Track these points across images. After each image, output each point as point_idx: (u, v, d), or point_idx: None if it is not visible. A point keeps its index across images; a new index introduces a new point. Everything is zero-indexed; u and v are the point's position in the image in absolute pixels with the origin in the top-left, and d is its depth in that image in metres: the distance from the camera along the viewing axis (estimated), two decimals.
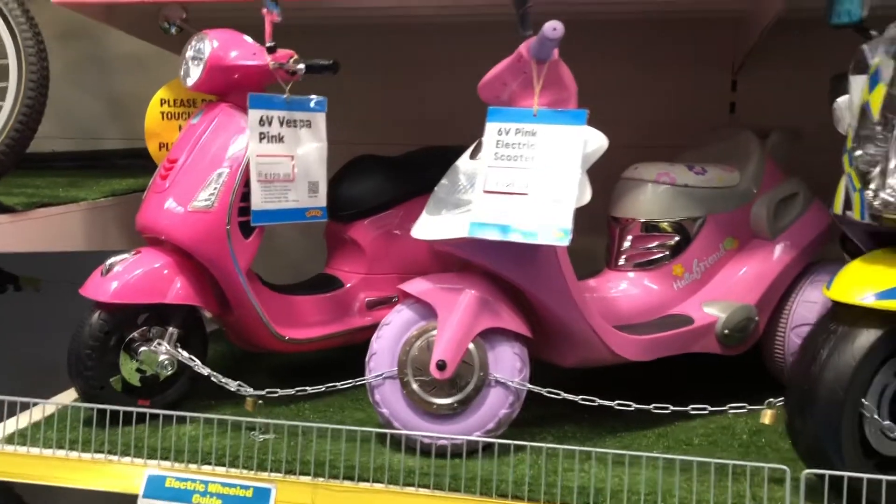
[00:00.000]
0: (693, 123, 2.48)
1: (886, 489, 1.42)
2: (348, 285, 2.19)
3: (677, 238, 2.00)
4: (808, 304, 2.00)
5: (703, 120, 2.49)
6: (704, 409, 1.67)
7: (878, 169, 1.48)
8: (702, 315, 1.95)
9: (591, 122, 1.71)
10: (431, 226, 1.75)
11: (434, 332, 1.72)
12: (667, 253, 2.00)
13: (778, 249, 2.04)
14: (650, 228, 2.00)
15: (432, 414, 1.72)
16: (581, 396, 1.71)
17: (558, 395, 1.71)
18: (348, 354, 2.07)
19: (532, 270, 1.71)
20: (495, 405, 1.72)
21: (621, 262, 2.03)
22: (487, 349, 1.74)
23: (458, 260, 1.82)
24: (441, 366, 1.68)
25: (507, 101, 1.76)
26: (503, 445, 1.65)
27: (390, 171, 2.23)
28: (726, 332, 1.93)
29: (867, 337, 1.45)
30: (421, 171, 2.21)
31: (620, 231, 2.03)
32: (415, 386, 1.73)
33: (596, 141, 1.70)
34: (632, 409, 1.68)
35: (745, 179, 2.06)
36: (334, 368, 2.16)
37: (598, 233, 2.06)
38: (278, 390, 1.82)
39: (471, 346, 1.72)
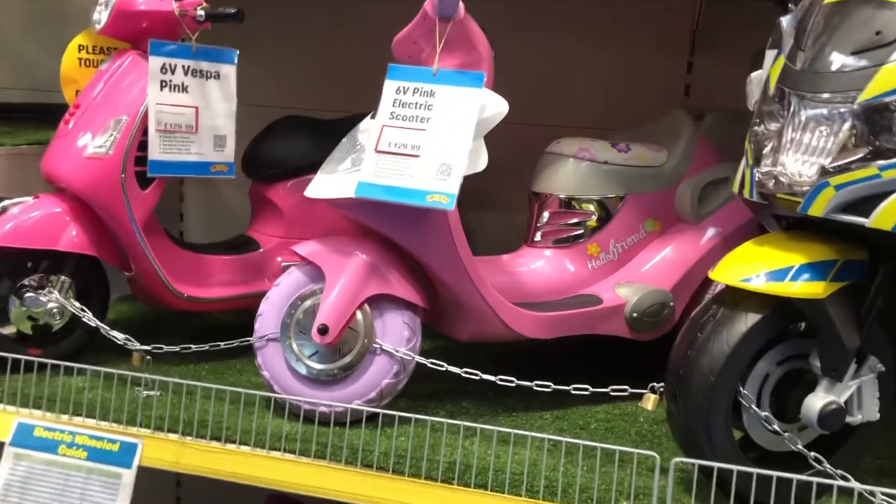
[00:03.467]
0: (646, 106, 2.38)
1: (760, 484, 1.34)
2: (264, 248, 2.14)
3: (595, 216, 1.92)
4: None
5: (657, 102, 2.39)
6: (586, 389, 1.59)
7: (770, 145, 1.40)
8: (612, 296, 1.87)
9: (539, 101, 1.64)
10: (323, 185, 1.70)
11: (321, 296, 1.67)
12: (583, 231, 1.92)
13: (701, 234, 1.95)
14: (567, 205, 1.92)
15: (313, 379, 1.67)
16: (465, 370, 1.64)
17: (442, 366, 1.65)
18: None
19: (421, 235, 1.65)
20: (379, 374, 1.67)
21: (537, 238, 1.95)
22: (375, 316, 1.68)
23: (354, 223, 1.76)
24: (322, 330, 1.63)
25: (422, 63, 1.69)
26: (388, 417, 1.59)
27: (316, 133, 2.17)
28: (635, 315, 1.85)
29: (746, 321, 1.36)
30: None
31: (539, 206, 1.96)
32: (296, 349, 1.67)
33: (495, 106, 1.63)
34: (513, 384, 1.61)
35: (672, 160, 1.98)
36: None
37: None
38: (164, 347, 1.78)
39: (358, 312, 1.66)
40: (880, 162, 1.28)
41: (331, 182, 1.69)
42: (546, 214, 1.94)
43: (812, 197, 1.31)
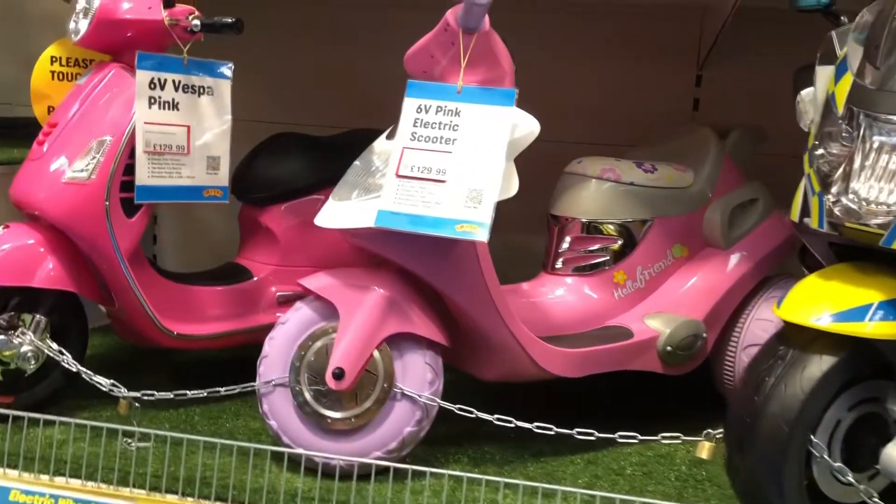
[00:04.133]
0: (654, 120, 2.28)
1: None
2: (258, 277, 1.97)
3: (620, 241, 1.80)
4: (762, 322, 1.80)
5: (665, 116, 2.29)
6: (634, 437, 1.46)
7: (840, 171, 1.28)
8: (643, 328, 1.74)
9: (546, 116, 1.51)
10: (336, 213, 1.54)
11: (335, 336, 1.50)
12: (608, 258, 1.79)
13: (732, 260, 1.84)
14: (591, 229, 1.79)
15: (327, 430, 1.50)
16: (496, 416, 1.50)
17: (471, 413, 1.50)
18: None
19: (448, 268, 1.50)
20: (400, 421, 1.51)
21: (558, 264, 1.82)
22: (395, 357, 1.52)
23: (370, 254, 1.60)
24: (338, 374, 1.47)
25: (437, 79, 1.55)
26: (407, 469, 1.44)
27: (312, 152, 2.00)
28: (669, 349, 1.73)
29: (820, 365, 1.24)
30: (347, 155, 1.97)
31: (559, 231, 1.82)
32: (308, 396, 1.51)
33: (526, 126, 1.49)
34: (552, 433, 1.47)
35: (699, 181, 1.86)
36: (251, 367, 1.94)
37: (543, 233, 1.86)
38: (156, 393, 1.59)
39: (375, 353, 1.50)
40: None
41: (345, 210, 1.53)
42: (568, 239, 1.81)
43: (895, 230, 1.20)
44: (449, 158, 1.46)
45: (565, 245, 1.81)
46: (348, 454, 1.48)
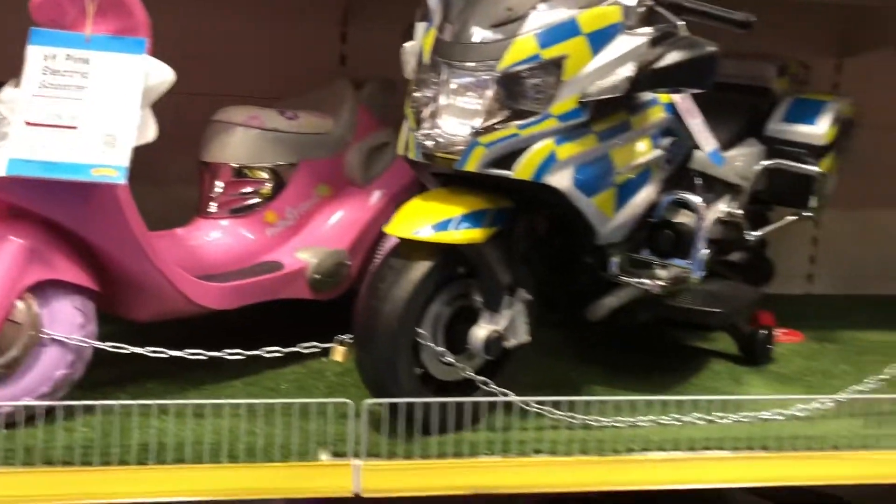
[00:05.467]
0: (303, 74, 2.44)
1: (443, 411, 1.51)
2: None
3: (269, 184, 1.95)
4: None
5: (313, 71, 2.47)
6: (278, 351, 1.64)
7: (429, 109, 1.55)
8: (293, 261, 1.93)
9: (199, 70, 1.57)
10: None
11: None
12: (258, 200, 1.94)
13: (370, 196, 2.08)
14: (240, 174, 1.93)
15: None
16: (149, 349, 1.59)
17: (124, 349, 1.58)
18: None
19: (89, 214, 1.55)
20: (50, 366, 1.54)
21: (212, 208, 1.93)
22: (42, 304, 1.54)
23: (8, 205, 1.59)
24: None
25: (67, 28, 1.56)
26: (68, 408, 1.48)
27: None
28: (317, 276, 1.93)
29: (420, 269, 1.51)
30: None
31: (210, 176, 1.93)
32: None
33: (160, 74, 1.57)
34: (205, 357, 1.60)
35: (338, 127, 2.07)
36: None
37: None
38: None
39: (19, 303, 1.51)
40: (518, 122, 1.49)
41: None
42: (219, 184, 1.92)
43: (466, 155, 1.49)
44: (80, 105, 1.49)
45: (217, 190, 1.93)
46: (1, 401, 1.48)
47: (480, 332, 1.56)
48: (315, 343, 1.64)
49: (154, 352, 1.59)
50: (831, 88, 2.82)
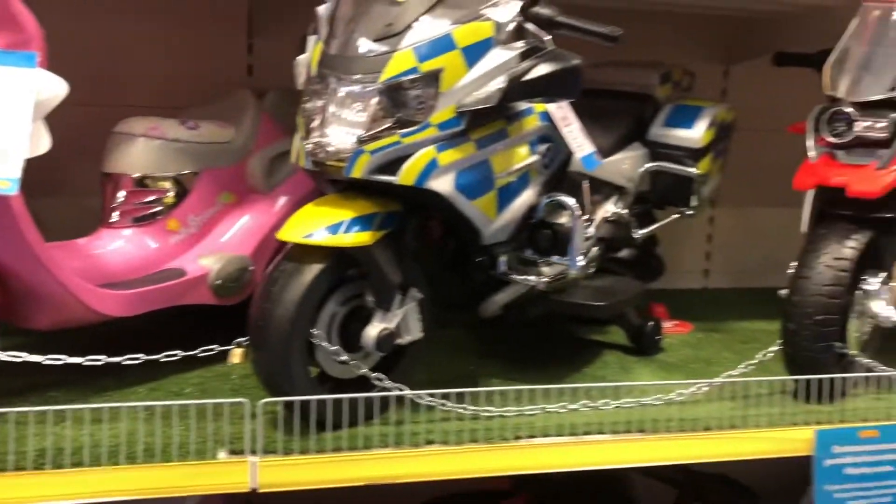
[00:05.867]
0: (209, 85, 2.48)
1: (337, 407, 1.58)
2: None
3: (171, 193, 2.00)
4: None
5: (220, 82, 2.51)
6: (175, 354, 1.69)
7: (318, 119, 1.62)
8: (196, 267, 1.98)
9: (104, 82, 1.61)
10: None
11: None
12: (161, 208, 1.98)
13: (273, 202, 2.14)
14: (142, 183, 1.97)
15: None
16: (47, 356, 1.62)
17: (19, 357, 1.60)
18: None
19: None
20: None
21: (114, 218, 1.96)
22: None
23: None
24: None
25: None
26: None
27: None
28: (219, 282, 1.98)
29: (311, 272, 1.58)
30: None
31: (113, 187, 1.97)
32: None
33: (52, 87, 1.61)
34: (101, 363, 1.64)
35: (240, 136, 2.13)
36: None
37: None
38: None
39: None
40: (402, 130, 1.58)
41: None
42: (121, 194, 1.96)
43: (352, 162, 1.57)
44: None
45: (119, 200, 1.96)
46: None
47: (373, 330, 1.64)
48: (214, 346, 1.69)
49: (50, 359, 1.62)
50: (720, 94, 3.01)
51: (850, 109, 1.89)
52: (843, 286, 1.83)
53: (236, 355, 1.67)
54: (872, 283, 1.93)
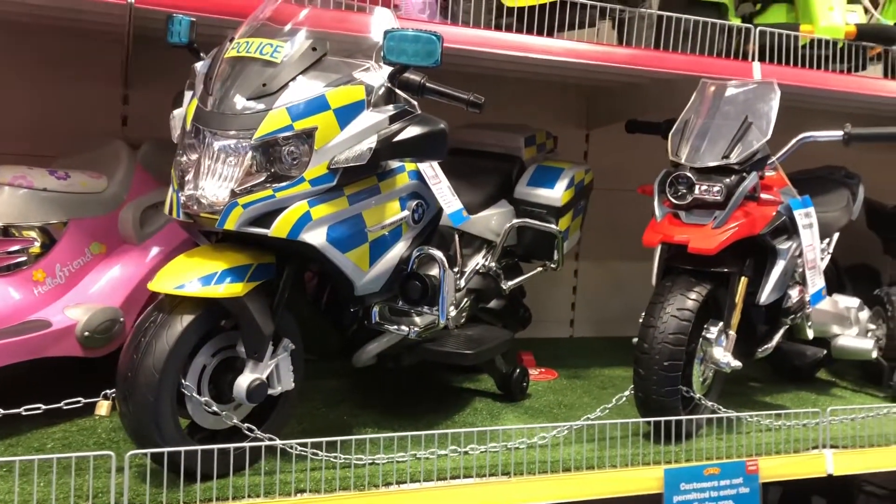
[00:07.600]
0: (84, 135, 2.45)
1: (208, 458, 1.58)
2: None
3: (38, 242, 1.96)
4: None
5: (95, 132, 2.49)
6: (38, 408, 1.65)
7: (192, 172, 1.65)
8: (62, 319, 1.94)
9: None
10: None
11: None
12: (25, 258, 1.94)
13: (146, 253, 2.13)
14: (7, 233, 1.92)
15: None
16: None
17: None
18: None
19: None
20: None
21: None
22: None
23: None
24: None
25: None
26: None
27: None
28: (87, 334, 1.94)
29: (181, 322, 1.59)
30: None
31: None
32: None
33: None
34: None
35: (112, 186, 2.12)
36: None
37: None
38: None
39: None
40: (275, 185, 1.63)
41: None
42: None
43: (226, 214, 1.61)
44: None
45: None
46: None
47: (244, 380, 1.66)
48: (79, 399, 1.66)
49: None
50: (583, 156, 3.23)
51: (690, 174, 2.09)
52: (686, 334, 2.00)
53: (103, 407, 1.64)
54: (713, 331, 2.12)
